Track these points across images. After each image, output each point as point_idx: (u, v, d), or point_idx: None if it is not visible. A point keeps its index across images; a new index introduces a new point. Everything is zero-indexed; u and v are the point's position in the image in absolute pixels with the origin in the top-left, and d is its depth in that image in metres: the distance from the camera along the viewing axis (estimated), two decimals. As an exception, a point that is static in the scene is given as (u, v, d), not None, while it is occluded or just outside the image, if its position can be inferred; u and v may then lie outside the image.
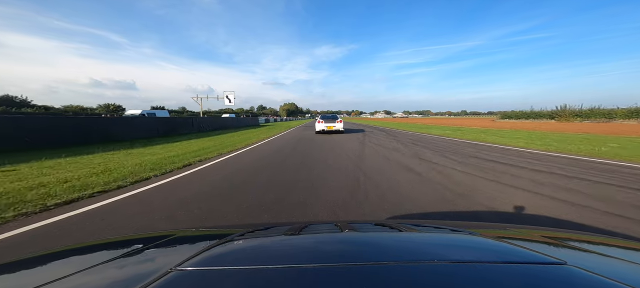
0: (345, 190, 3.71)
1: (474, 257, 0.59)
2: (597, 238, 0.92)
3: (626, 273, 0.58)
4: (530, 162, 5.95)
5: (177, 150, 8.80)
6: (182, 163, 5.96)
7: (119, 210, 3.11)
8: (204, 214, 2.91)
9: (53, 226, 2.68)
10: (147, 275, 0.49)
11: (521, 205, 3.09)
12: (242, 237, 0.81)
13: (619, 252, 0.74)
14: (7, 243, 2.34)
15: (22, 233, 2.51)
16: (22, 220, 2.81)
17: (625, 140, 10.04)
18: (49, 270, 0.63)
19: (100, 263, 0.61)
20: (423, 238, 0.82)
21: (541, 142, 9.82)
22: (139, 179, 4.51)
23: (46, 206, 3.14)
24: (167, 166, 5.59)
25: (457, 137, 12.37)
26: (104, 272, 0.58)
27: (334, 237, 0.84)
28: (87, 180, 4.34)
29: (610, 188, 3.76)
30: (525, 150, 7.82)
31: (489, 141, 10.43)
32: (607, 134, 13.39)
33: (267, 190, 3.79)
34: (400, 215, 2.70)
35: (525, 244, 0.76)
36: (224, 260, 0.59)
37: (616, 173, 4.68)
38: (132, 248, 0.73)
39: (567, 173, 4.72)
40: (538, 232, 0.91)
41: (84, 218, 2.87)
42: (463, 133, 14.87)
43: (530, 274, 0.50)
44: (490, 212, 2.86)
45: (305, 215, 2.80)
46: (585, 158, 6.24)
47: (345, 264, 0.53)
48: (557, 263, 0.52)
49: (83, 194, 3.59)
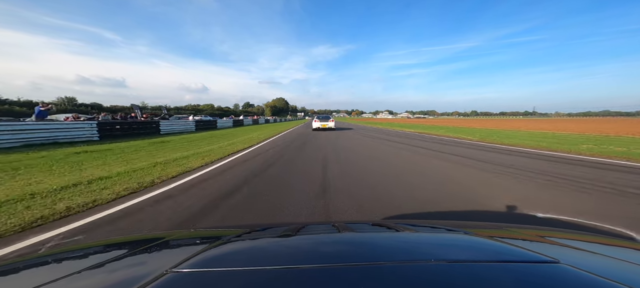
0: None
1: (469, 257, 0.61)
2: (589, 237, 0.95)
3: (618, 271, 0.59)
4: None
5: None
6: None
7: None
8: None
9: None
10: (142, 277, 0.48)
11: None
12: (238, 238, 0.81)
13: (611, 250, 0.76)
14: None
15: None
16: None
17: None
18: (45, 273, 0.62)
19: (94, 265, 0.61)
20: (419, 238, 0.83)
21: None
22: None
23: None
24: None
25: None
26: (98, 275, 0.57)
27: (330, 237, 0.84)
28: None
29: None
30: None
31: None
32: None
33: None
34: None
35: (519, 243, 0.76)
36: (220, 262, 0.58)
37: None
38: (127, 250, 0.73)
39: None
40: (532, 231, 0.94)
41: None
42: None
43: (524, 273, 0.51)
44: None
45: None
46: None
47: (342, 265, 0.54)
48: (550, 261, 0.53)
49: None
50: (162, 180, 4.22)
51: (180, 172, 4.85)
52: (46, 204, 3.00)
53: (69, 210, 2.85)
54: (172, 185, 3.99)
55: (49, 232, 2.38)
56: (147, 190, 3.72)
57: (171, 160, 6.04)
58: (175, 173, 4.71)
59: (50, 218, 2.64)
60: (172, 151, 7.64)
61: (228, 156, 6.78)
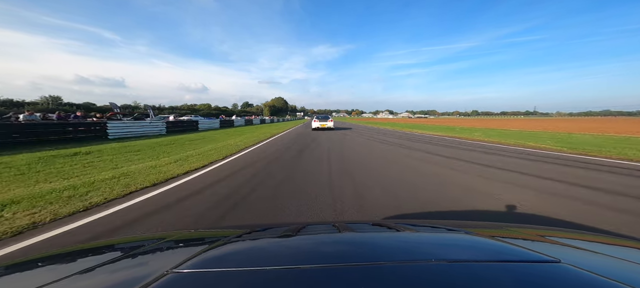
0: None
1: (470, 256, 0.60)
2: (590, 236, 0.93)
3: (619, 271, 0.58)
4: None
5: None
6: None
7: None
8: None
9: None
10: (142, 277, 0.48)
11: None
12: (239, 238, 0.80)
13: (612, 250, 0.74)
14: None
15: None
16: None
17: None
18: (45, 273, 0.62)
19: (95, 266, 0.60)
20: (420, 238, 0.82)
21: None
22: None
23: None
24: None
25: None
26: (99, 275, 0.56)
27: (331, 237, 0.83)
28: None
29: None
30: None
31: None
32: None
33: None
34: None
35: (520, 243, 0.74)
36: (221, 262, 0.57)
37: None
38: (127, 251, 0.72)
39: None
40: (533, 230, 0.92)
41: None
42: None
43: (525, 272, 0.50)
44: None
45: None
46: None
47: (343, 265, 0.53)
48: (551, 261, 0.52)
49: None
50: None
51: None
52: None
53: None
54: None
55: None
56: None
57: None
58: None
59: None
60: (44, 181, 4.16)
61: (125, 199, 3.31)
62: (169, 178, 4.22)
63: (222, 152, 7.05)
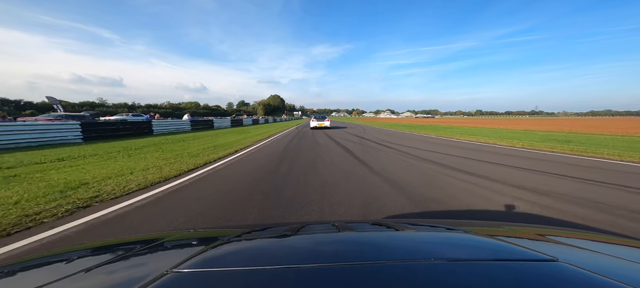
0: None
1: (469, 255, 0.61)
2: (588, 235, 0.94)
3: (617, 269, 0.58)
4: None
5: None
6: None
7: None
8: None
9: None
10: (142, 277, 0.48)
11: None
12: (239, 238, 0.81)
13: (610, 248, 0.74)
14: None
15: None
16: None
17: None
18: (45, 274, 0.62)
19: (95, 266, 0.60)
20: (419, 237, 0.82)
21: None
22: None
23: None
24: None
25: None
26: (99, 275, 0.57)
27: (331, 237, 0.83)
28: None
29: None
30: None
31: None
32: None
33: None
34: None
35: (518, 242, 0.74)
36: (221, 262, 0.58)
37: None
38: (127, 251, 0.73)
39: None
40: (531, 229, 0.93)
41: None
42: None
43: (523, 271, 0.51)
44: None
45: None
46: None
47: (342, 264, 0.53)
48: (549, 260, 0.54)
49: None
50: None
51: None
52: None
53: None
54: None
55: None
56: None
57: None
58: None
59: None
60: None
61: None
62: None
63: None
